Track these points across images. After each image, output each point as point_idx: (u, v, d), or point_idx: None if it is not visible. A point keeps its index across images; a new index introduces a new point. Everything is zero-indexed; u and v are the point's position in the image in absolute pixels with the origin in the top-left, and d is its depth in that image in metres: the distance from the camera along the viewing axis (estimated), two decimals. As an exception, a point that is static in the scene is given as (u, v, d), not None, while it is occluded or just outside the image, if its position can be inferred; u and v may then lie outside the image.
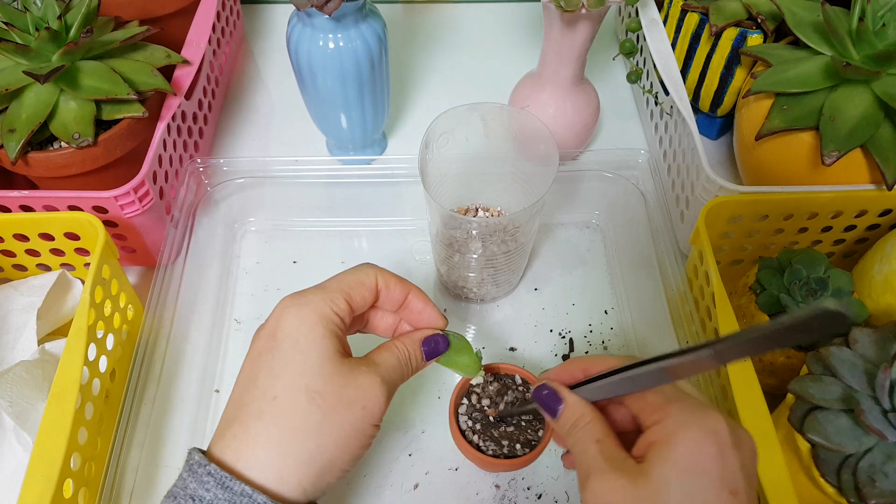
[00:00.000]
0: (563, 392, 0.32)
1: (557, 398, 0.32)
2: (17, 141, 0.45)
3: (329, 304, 0.32)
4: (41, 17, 0.47)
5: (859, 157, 0.46)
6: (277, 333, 0.31)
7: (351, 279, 0.34)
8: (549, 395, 0.33)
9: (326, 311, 0.31)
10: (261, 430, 0.29)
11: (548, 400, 0.33)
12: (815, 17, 0.49)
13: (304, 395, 0.29)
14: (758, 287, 0.45)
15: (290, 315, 0.31)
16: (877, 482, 0.34)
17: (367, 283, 0.34)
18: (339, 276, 0.34)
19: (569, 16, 0.48)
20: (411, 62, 0.73)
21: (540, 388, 0.33)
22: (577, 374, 0.33)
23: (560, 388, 0.33)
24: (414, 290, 0.36)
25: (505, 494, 0.45)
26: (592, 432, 0.30)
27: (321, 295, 0.32)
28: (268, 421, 0.29)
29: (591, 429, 0.30)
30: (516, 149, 0.49)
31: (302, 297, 0.32)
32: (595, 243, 0.58)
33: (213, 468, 0.28)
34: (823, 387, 0.37)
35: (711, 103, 0.60)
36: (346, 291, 0.33)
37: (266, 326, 0.32)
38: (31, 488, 0.35)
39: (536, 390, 0.33)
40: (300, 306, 0.31)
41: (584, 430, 0.31)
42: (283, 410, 0.29)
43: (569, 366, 0.34)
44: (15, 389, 0.41)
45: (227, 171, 0.55)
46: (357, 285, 0.33)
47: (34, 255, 0.50)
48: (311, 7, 0.47)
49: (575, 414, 0.31)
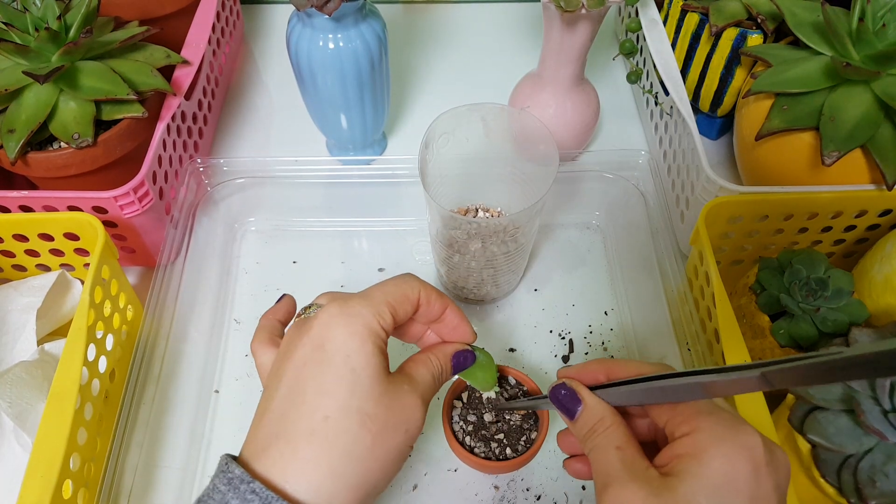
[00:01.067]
0: (583, 393, 0.31)
1: (576, 399, 0.30)
2: (17, 141, 0.45)
3: (377, 318, 0.30)
4: (41, 17, 0.47)
5: (859, 158, 0.46)
6: (326, 345, 0.29)
7: (397, 292, 0.32)
8: (567, 395, 0.31)
9: (375, 327, 0.30)
10: (311, 453, 0.28)
11: (566, 401, 0.31)
12: (815, 17, 0.49)
13: (356, 417, 0.28)
14: (758, 287, 0.45)
15: (340, 327, 0.30)
16: (877, 482, 0.34)
17: (410, 298, 0.33)
18: (384, 286, 0.32)
19: (569, 16, 0.48)
20: (411, 62, 0.73)
21: (558, 387, 0.31)
22: (598, 376, 0.32)
23: (580, 389, 0.31)
24: (451, 305, 0.35)
25: (504, 496, 0.44)
26: (613, 438, 0.29)
27: (369, 308, 0.30)
28: (319, 443, 0.28)
29: (612, 434, 0.29)
30: (516, 149, 0.49)
31: (349, 307, 0.30)
32: (595, 244, 0.58)
33: (259, 486, 0.27)
34: (823, 387, 0.37)
35: (711, 103, 0.60)
36: (392, 305, 0.31)
37: (310, 333, 0.30)
38: (31, 489, 0.35)
39: (554, 389, 0.32)
40: (350, 318, 0.30)
41: (603, 436, 0.29)
42: (335, 433, 0.28)
43: (590, 366, 0.32)
44: (14, 390, 0.41)
45: (227, 171, 0.55)
46: (402, 299, 0.32)
47: (34, 255, 0.50)
48: (311, 7, 0.47)
49: (594, 417, 0.30)
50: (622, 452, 0.28)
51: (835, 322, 0.42)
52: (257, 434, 0.29)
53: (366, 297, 0.31)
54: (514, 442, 0.40)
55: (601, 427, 0.29)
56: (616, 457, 0.28)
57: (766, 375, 0.23)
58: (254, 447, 0.29)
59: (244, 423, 0.47)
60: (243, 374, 0.50)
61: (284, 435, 0.28)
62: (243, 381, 0.50)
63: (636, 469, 0.27)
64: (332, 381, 0.29)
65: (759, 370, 0.23)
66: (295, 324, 0.32)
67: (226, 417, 0.48)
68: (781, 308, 0.44)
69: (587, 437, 0.30)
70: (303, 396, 0.29)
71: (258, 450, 0.28)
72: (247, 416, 0.47)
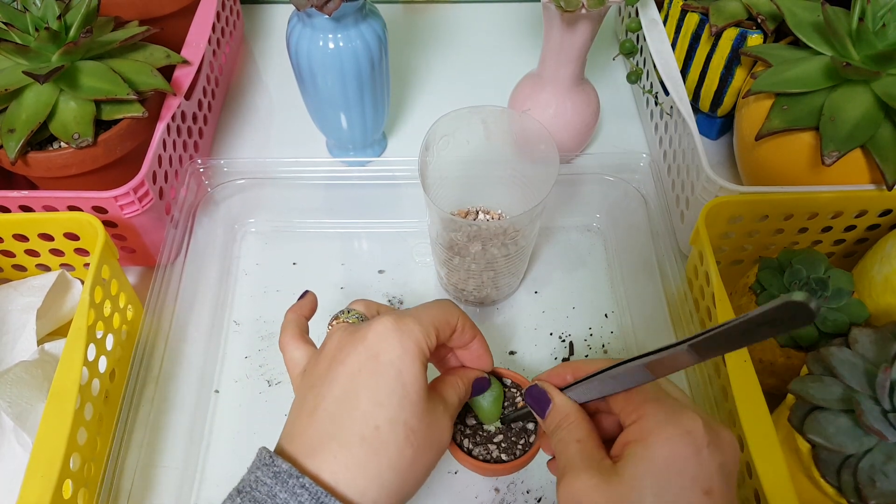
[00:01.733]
0: (551, 392, 0.33)
1: (546, 398, 0.33)
2: (17, 141, 0.45)
3: (426, 338, 0.32)
4: (41, 17, 0.47)
5: (859, 157, 0.46)
6: (381, 357, 0.31)
7: (441, 317, 0.34)
8: (538, 395, 0.33)
9: (423, 346, 0.32)
10: (362, 458, 0.29)
11: (537, 400, 0.33)
12: (815, 17, 0.49)
13: (403, 430, 0.30)
14: (758, 287, 0.45)
15: (394, 341, 0.31)
16: (877, 482, 0.34)
17: (451, 323, 0.35)
18: (430, 309, 0.34)
19: (569, 16, 0.48)
20: (411, 62, 0.73)
21: (531, 388, 0.34)
22: (567, 377, 0.34)
23: (549, 388, 0.33)
24: (479, 335, 0.37)
25: (504, 498, 0.44)
26: (575, 432, 0.31)
27: (419, 328, 0.32)
28: (369, 451, 0.29)
29: (574, 429, 0.31)
30: (517, 152, 0.49)
31: (403, 323, 0.32)
32: (595, 246, 0.58)
33: (308, 482, 0.28)
34: (823, 387, 0.37)
35: (711, 103, 0.60)
36: (437, 328, 0.33)
37: (365, 342, 0.32)
38: (31, 489, 0.35)
39: (528, 391, 0.34)
40: (403, 334, 0.31)
41: (566, 430, 0.31)
42: (384, 443, 0.30)
43: (560, 369, 0.35)
44: (14, 390, 0.41)
45: (227, 171, 0.55)
46: (444, 324, 0.34)
47: (34, 255, 0.50)
48: (311, 7, 0.47)
49: (561, 413, 0.32)
50: (581, 445, 0.30)
51: (835, 322, 0.42)
52: (306, 432, 0.31)
53: (415, 316, 0.33)
54: (513, 444, 0.40)
55: (565, 423, 0.32)
56: (575, 448, 0.30)
57: (693, 347, 0.25)
58: (302, 444, 0.30)
59: (243, 423, 0.48)
60: (242, 376, 0.50)
61: (337, 437, 0.30)
62: (242, 383, 0.50)
63: (591, 459, 0.29)
64: (384, 393, 0.30)
65: (686, 344, 0.25)
66: (344, 329, 0.34)
67: (225, 418, 0.48)
68: (781, 308, 0.44)
69: (554, 433, 0.32)
70: (356, 402, 0.30)
71: (308, 448, 0.30)
72: (246, 417, 0.48)
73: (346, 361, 0.32)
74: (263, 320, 0.53)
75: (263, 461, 0.30)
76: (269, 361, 0.51)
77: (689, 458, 0.27)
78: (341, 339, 0.33)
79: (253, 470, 0.30)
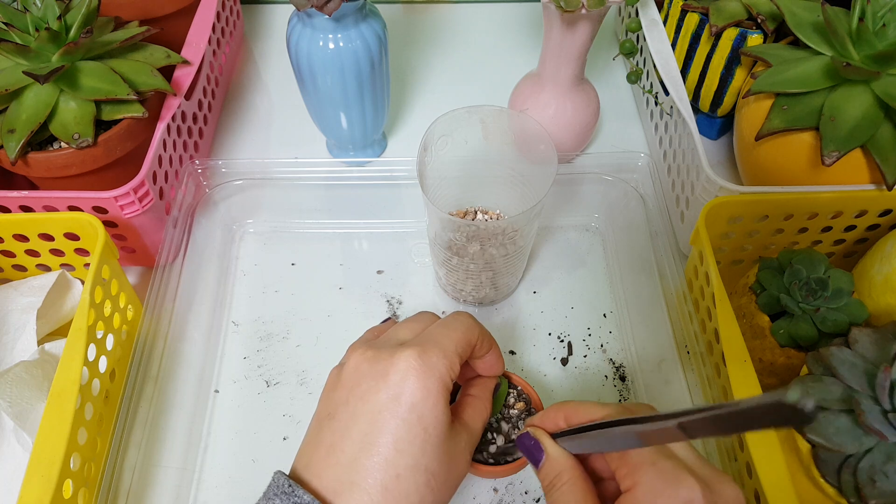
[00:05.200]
0: (545, 443, 0.32)
1: (540, 449, 0.32)
2: (17, 141, 0.45)
3: (450, 371, 0.32)
4: (41, 17, 0.47)
5: (859, 157, 0.46)
6: (402, 398, 0.30)
7: (463, 340, 0.33)
8: (532, 445, 0.32)
9: (447, 382, 0.32)
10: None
11: (531, 450, 0.32)
12: (815, 17, 0.49)
13: (423, 476, 0.30)
14: (758, 287, 0.45)
15: (418, 381, 0.31)
16: (877, 482, 0.34)
17: (472, 342, 0.34)
18: (453, 334, 0.33)
19: (569, 16, 0.48)
20: (411, 62, 0.73)
21: (523, 436, 0.33)
22: (559, 422, 0.33)
23: (543, 439, 0.32)
24: (495, 345, 0.37)
25: (503, 499, 0.44)
26: (570, 496, 0.30)
27: (444, 361, 0.32)
28: (392, 499, 0.29)
29: (569, 492, 0.30)
30: (515, 151, 0.49)
31: (427, 358, 0.31)
32: (594, 246, 0.58)
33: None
34: (823, 387, 0.37)
35: (711, 103, 0.60)
36: (461, 355, 0.33)
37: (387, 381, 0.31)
38: (31, 488, 0.35)
39: (520, 438, 0.33)
40: (426, 374, 0.31)
41: (560, 492, 0.30)
42: (405, 491, 0.30)
43: (553, 413, 0.33)
44: (15, 390, 0.41)
45: (225, 172, 0.55)
46: (467, 346, 0.34)
47: (34, 255, 0.50)
48: (311, 7, 0.47)
49: (555, 469, 0.31)
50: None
51: (835, 322, 0.42)
52: (326, 471, 0.30)
53: (440, 346, 0.32)
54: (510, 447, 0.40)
55: (559, 482, 0.30)
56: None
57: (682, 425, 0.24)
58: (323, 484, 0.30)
59: (242, 424, 0.48)
60: (241, 377, 0.50)
61: (360, 485, 0.29)
62: (241, 384, 0.50)
63: None
64: (406, 440, 0.30)
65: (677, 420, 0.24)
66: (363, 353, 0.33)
67: (224, 418, 0.48)
68: (781, 308, 0.44)
69: (548, 490, 0.31)
70: (377, 448, 0.30)
71: (330, 490, 0.30)
72: (245, 418, 0.48)
73: (366, 398, 0.31)
74: (262, 321, 0.53)
75: (281, 488, 0.29)
76: (268, 362, 0.51)
77: None
78: (360, 367, 0.32)
79: (270, 496, 0.29)
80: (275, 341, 0.52)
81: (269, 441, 0.47)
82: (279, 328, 0.53)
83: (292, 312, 0.54)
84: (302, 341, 0.52)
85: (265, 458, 0.46)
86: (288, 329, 0.53)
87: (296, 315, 0.53)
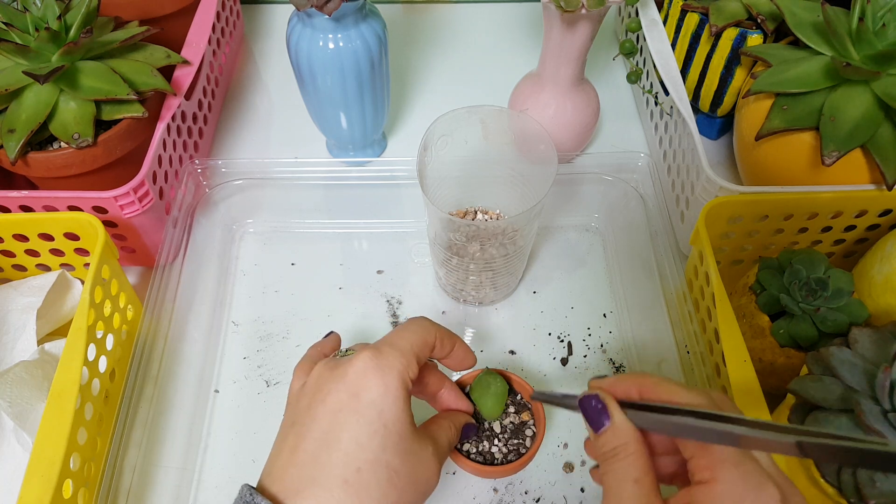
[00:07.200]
0: (612, 409, 0.29)
1: (605, 414, 0.29)
2: (17, 141, 0.45)
3: (407, 370, 0.32)
4: (41, 17, 0.47)
5: (859, 157, 0.46)
6: (361, 396, 0.31)
7: (419, 341, 0.34)
8: (597, 408, 0.30)
9: (406, 380, 0.32)
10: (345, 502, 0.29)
11: (594, 413, 0.30)
12: (815, 17, 0.49)
13: (385, 472, 0.30)
14: (758, 287, 0.45)
15: (376, 378, 0.31)
16: (877, 482, 0.34)
17: (429, 343, 0.35)
18: (408, 336, 0.34)
19: (569, 16, 0.48)
20: (411, 62, 0.73)
21: (589, 397, 0.30)
22: (631, 392, 0.30)
23: (611, 405, 0.30)
24: (458, 341, 0.37)
25: (502, 499, 0.44)
26: (633, 469, 0.28)
27: (401, 360, 0.32)
28: (353, 493, 0.29)
29: (633, 464, 0.28)
30: (515, 151, 0.49)
31: (383, 357, 0.32)
32: (594, 246, 0.58)
33: None
34: (823, 387, 0.37)
35: (711, 103, 0.60)
36: (417, 355, 0.33)
37: (346, 380, 0.31)
38: (31, 488, 0.35)
39: (585, 399, 0.30)
40: (384, 371, 0.31)
41: (624, 463, 0.28)
42: (366, 485, 0.29)
43: (625, 380, 0.31)
44: (15, 390, 0.41)
45: (225, 172, 0.55)
46: (424, 347, 0.34)
47: (34, 255, 0.50)
48: (311, 7, 0.47)
49: (619, 439, 0.29)
50: (639, 487, 0.27)
51: (835, 322, 0.42)
52: (288, 472, 0.30)
53: (396, 347, 0.33)
54: (510, 446, 0.40)
55: (623, 452, 0.28)
56: (631, 491, 0.27)
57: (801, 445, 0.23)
58: (283, 485, 0.30)
59: (242, 424, 0.48)
60: (241, 377, 0.50)
61: (319, 481, 0.29)
62: (241, 384, 0.50)
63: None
64: (366, 434, 0.30)
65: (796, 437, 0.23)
66: (325, 364, 0.33)
67: (224, 419, 0.48)
68: (781, 308, 0.44)
69: (607, 458, 0.29)
70: (338, 444, 0.30)
71: (290, 489, 0.30)
72: (245, 419, 0.48)
73: (326, 400, 0.31)
74: (262, 321, 0.53)
75: (244, 498, 0.30)
76: (268, 362, 0.51)
77: None
78: (321, 374, 0.33)
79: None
80: (275, 341, 0.52)
81: (269, 441, 0.46)
82: (279, 328, 0.53)
83: (292, 312, 0.54)
84: (302, 341, 0.52)
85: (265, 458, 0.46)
86: (288, 329, 0.53)
87: (296, 315, 0.53)
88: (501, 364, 0.50)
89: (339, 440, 0.30)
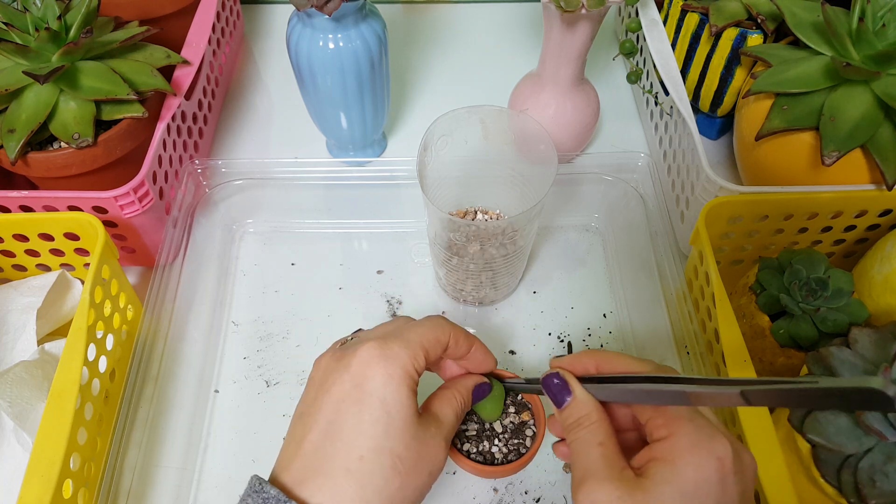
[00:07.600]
0: (573, 384, 0.32)
1: (567, 390, 0.32)
2: (17, 141, 0.45)
3: (413, 361, 0.32)
4: (41, 17, 0.47)
5: (859, 157, 0.46)
6: (365, 385, 0.31)
7: (430, 336, 0.34)
8: (558, 385, 0.32)
9: (410, 371, 0.32)
10: (348, 490, 0.29)
11: (556, 390, 0.32)
12: (815, 17, 0.49)
13: (388, 459, 0.30)
14: (758, 287, 0.45)
15: (379, 368, 0.31)
16: (877, 482, 0.34)
17: (442, 341, 0.34)
18: (419, 329, 0.34)
19: (569, 16, 0.48)
20: (411, 62, 0.73)
21: (550, 376, 0.33)
22: (589, 368, 0.33)
23: (571, 380, 0.32)
24: (477, 343, 0.37)
25: (502, 499, 0.44)
26: (596, 434, 0.30)
27: (406, 351, 0.32)
28: (355, 481, 0.30)
29: (596, 430, 0.30)
30: (515, 151, 0.49)
31: (388, 348, 0.32)
32: (594, 246, 0.58)
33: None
34: (823, 387, 0.37)
35: (711, 103, 0.60)
36: (426, 349, 0.33)
37: (350, 370, 0.32)
38: (31, 488, 0.35)
39: (547, 378, 0.33)
40: (388, 360, 0.31)
41: (587, 431, 0.31)
42: (369, 472, 0.30)
43: (582, 357, 0.34)
44: (15, 390, 0.41)
45: (225, 172, 0.55)
46: (434, 343, 0.34)
47: (34, 255, 0.50)
48: (311, 7, 0.47)
49: (581, 411, 0.31)
50: (603, 449, 0.30)
51: (835, 322, 0.42)
52: (294, 462, 0.31)
53: (403, 339, 0.33)
54: (510, 446, 0.40)
55: (586, 421, 0.31)
56: (597, 453, 0.30)
57: (744, 393, 0.25)
58: (290, 476, 0.30)
59: (242, 424, 0.48)
60: (241, 377, 0.50)
61: (323, 470, 0.30)
62: (241, 384, 0.50)
63: (614, 468, 0.29)
64: (368, 422, 0.30)
65: (739, 388, 0.25)
66: (331, 354, 0.34)
67: (224, 419, 0.48)
68: (781, 308, 0.44)
69: (571, 428, 0.31)
70: (340, 433, 0.30)
71: (296, 479, 0.30)
72: (245, 419, 0.48)
73: (331, 390, 0.32)
74: (262, 321, 0.53)
75: (253, 488, 0.30)
76: (268, 362, 0.51)
77: (715, 484, 0.27)
78: (327, 365, 0.33)
79: (244, 497, 0.30)
80: (275, 341, 0.52)
81: (269, 441, 0.47)
82: (279, 328, 0.53)
83: (292, 312, 0.54)
84: (302, 341, 0.52)
85: (265, 458, 0.46)
86: (288, 329, 0.53)
87: (296, 315, 0.53)
88: (501, 364, 0.50)
89: (342, 430, 0.30)
